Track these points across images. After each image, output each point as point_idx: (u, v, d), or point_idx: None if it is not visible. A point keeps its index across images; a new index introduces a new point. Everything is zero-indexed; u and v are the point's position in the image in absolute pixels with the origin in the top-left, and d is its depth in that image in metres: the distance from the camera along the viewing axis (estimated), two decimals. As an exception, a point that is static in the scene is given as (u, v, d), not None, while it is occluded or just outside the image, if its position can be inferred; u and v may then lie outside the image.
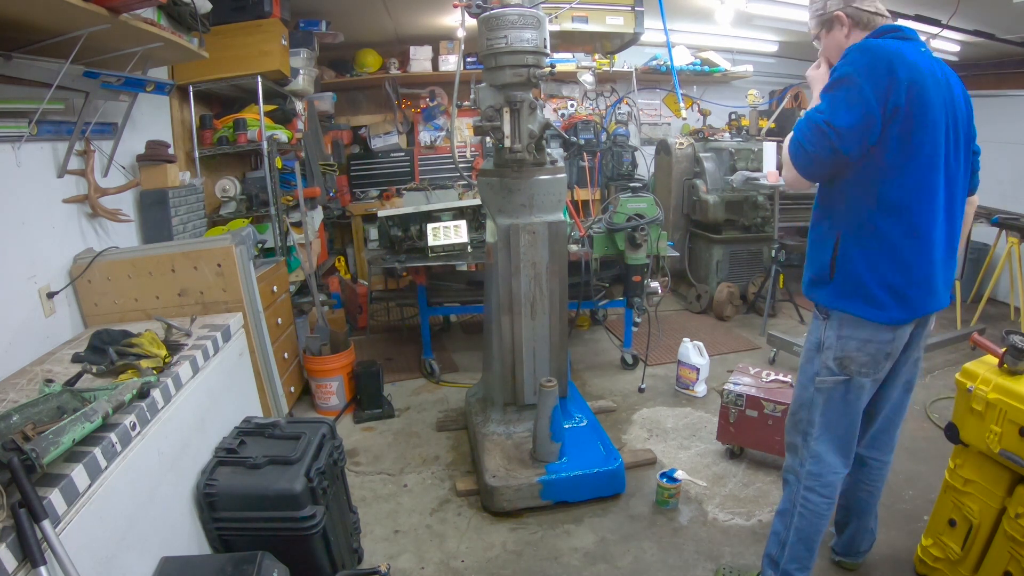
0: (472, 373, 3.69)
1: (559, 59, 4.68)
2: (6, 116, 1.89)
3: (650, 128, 5.69)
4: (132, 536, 1.40)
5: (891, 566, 2.06)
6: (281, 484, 1.67)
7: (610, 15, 3.29)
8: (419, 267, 3.43)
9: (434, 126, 5.29)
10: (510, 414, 2.71)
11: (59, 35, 1.78)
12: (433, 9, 3.96)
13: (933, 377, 3.45)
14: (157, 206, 2.62)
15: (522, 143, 2.36)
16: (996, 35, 3.77)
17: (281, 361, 2.89)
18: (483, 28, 2.29)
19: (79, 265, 2.20)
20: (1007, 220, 3.92)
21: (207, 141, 3.18)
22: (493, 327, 2.68)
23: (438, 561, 2.17)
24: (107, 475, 1.34)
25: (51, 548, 1.10)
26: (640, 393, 3.41)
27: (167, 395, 1.65)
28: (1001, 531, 1.70)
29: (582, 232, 3.33)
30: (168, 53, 2.31)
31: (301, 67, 3.61)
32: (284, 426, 1.93)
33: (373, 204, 4.98)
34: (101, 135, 2.38)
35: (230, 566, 1.44)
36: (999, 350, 1.71)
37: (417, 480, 2.66)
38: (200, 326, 2.10)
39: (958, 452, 1.83)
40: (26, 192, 2.00)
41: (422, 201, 4.77)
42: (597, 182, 5.16)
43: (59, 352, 1.96)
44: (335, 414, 3.21)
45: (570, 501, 2.41)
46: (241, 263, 2.34)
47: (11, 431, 1.19)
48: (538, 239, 2.49)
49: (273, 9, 3.13)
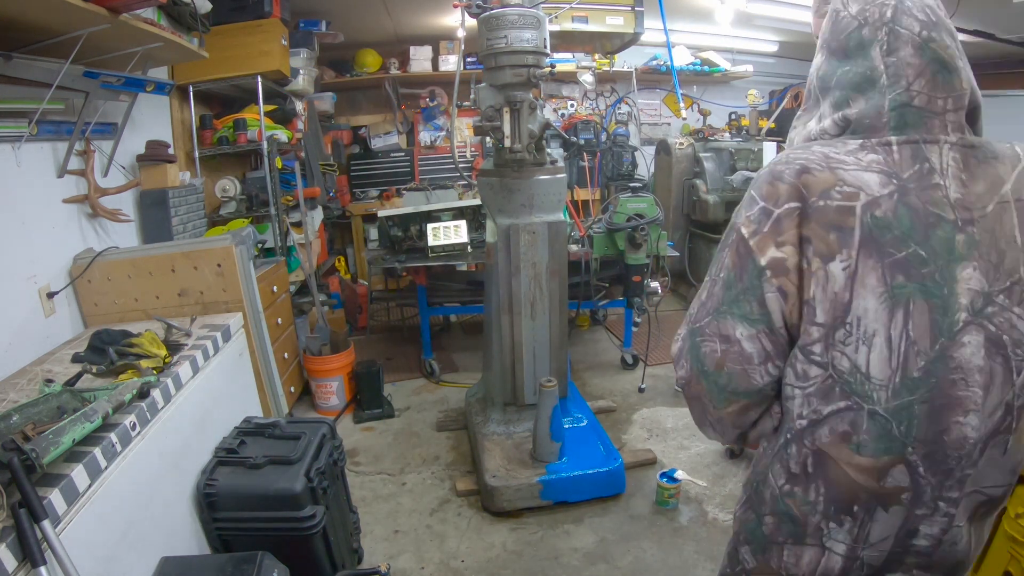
0: (472, 373, 3.69)
1: (559, 59, 4.68)
2: (6, 116, 1.89)
3: (650, 128, 5.69)
4: (132, 536, 1.40)
5: (891, 566, 2.06)
6: (281, 484, 1.67)
7: (610, 15, 3.29)
8: (419, 267, 3.43)
9: (434, 126, 5.29)
10: (510, 414, 2.71)
11: (59, 35, 1.78)
12: (433, 9, 3.96)
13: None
14: (157, 206, 2.61)
15: (522, 143, 2.36)
16: (996, 35, 3.76)
17: (281, 361, 2.89)
18: (483, 28, 2.29)
19: (79, 265, 2.20)
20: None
21: (207, 141, 3.18)
22: (493, 327, 2.68)
23: (438, 561, 2.17)
24: (107, 475, 1.34)
25: (51, 548, 1.10)
26: (640, 393, 3.41)
27: (167, 395, 1.65)
28: (1001, 531, 1.70)
29: (582, 232, 3.33)
30: (168, 53, 2.31)
31: (301, 67, 3.61)
32: (284, 426, 1.93)
33: (373, 204, 4.97)
34: (101, 135, 2.37)
35: (230, 566, 1.44)
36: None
37: (417, 480, 2.66)
38: (200, 326, 2.10)
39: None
40: (26, 192, 2.00)
41: (422, 201, 4.78)
42: (597, 182, 5.15)
43: (59, 352, 1.96)
44: (335, 414, 3.21)
45: (570, 501, 2.41)
46: (241, 263, 2.34)
47: (11, 431, 1.19)
48: (538, 239, 2.49)
49: (273, 9, 3.13)
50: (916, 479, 0.72)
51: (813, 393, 0.74)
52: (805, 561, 0.80)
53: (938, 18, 0.73)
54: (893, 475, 0.72)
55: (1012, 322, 0.69)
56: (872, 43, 0.74)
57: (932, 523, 0.74)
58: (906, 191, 0.70)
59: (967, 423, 0.69)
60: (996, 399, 0.70)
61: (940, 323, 0.68)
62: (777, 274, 0.72)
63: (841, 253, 0.69)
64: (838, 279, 0.69)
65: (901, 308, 0.68)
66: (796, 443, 0.77)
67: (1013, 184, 0.72)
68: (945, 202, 0.70)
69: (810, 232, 0.71)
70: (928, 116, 0.72)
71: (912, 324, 0.68)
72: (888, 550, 0.77)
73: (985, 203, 0.71)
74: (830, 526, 0.77)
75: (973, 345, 0.69)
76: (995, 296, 0.69)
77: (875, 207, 0.69)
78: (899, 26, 0.72)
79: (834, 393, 0.72)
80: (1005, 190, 0.71)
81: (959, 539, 0.76)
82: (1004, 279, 0.69)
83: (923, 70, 0.72)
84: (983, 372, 0.69)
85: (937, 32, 0.72)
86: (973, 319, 0.69)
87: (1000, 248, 0.70)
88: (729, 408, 0.80)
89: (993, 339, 0.69)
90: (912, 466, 0.71)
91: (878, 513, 0.75)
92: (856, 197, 0.70)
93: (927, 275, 0.68)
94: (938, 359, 0.69)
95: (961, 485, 0.73)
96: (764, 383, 0.77)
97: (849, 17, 0.77)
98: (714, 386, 0.80)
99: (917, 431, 0.70)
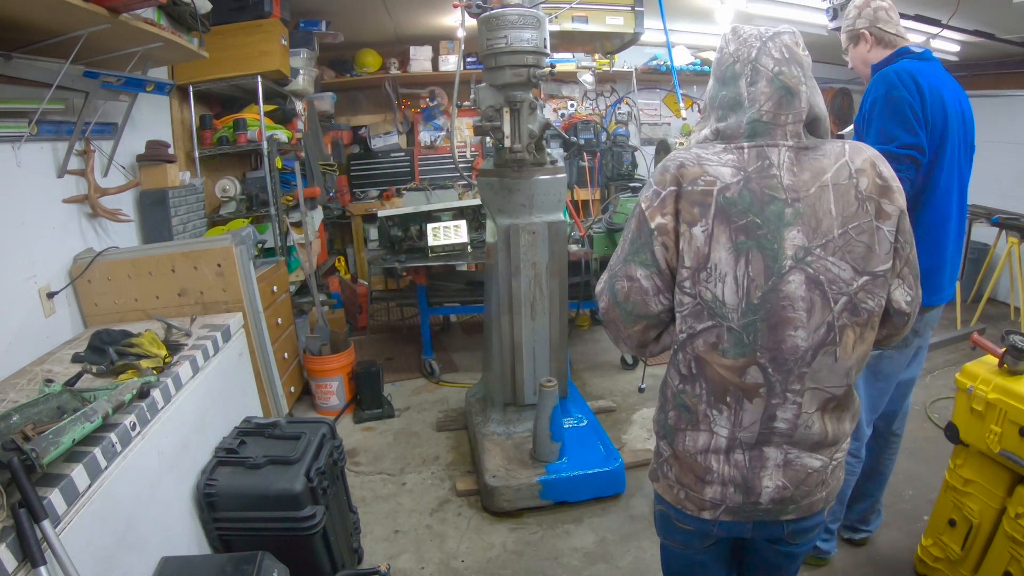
0: (472, 373, 3.69)
1: (559, 59, 4.67)
2: (6, 116, 1.89)
3: (650, 128, 5.68)
4: (132, 536, 1.40)
5: (891, 566, 2.06)
6: (281, 484, 1.67)
7: (610, 15, 3.29)
8: (419, 267, 3.43)
9: (434, 126, 5.29)
10: (510, 414, 2.71)
11: (59, 35, 1.78)
12: (433, 9, 3.95)
13: (933, 377, 3.44)
14: (157, 206, 2.61)
15: (522, 143, 2.36)
16: (996, 35, 3.76)
17: (281, 361, 2.89)
18: (483, 28, 2.29)
19: (79, 265, 2.20)
20: (1007, 220, 3.92)
21: (207, 141, 3.18)
22: (493, 327, 2.68)
23: (438, 561, 2.17)
24: (107, 475, 1.34)
25: (51, 548, 1.11)
26: (640, 393, 3.41)
27: (167, 395, 1.65)
28: (1001, 531, 1.70)
29: (582, 232, 3.33)
30: (168, 53, 2.31)
31: (301, 67, 3.61)
32: (284, 426, 1.93)
33: (373, 204, 4.97)
34: (101, 135, 2.37)
35: (230, 566, 1.44)
36: (999, 350, 1.71)
37: (417, 480, 2.66)
38: (200, 326, 2.10)
39: (958, 452, 1.83)
40: (26, 192, 2.00)
41: (422, 201, 4.77)
42: (597, 182, 5.15)
43: (59, 352, 1.96)
44: (335, 414, 3.21)
45: (570, 501, 2.41)
46: (241, 263, 2.34)
47: (11, 431, 1.19)
48: (538, 239, 2.49)
49: (273, 9, 3.13)
50: (767, 376, 1.02)
51: (688, 315, 1.05)
52: (700, 443, 1.10)
53: (791, 55, 1.01)
54: (750, 373, 1.03)
55: (827, 267, 0.98)
56: (741, 75, 1.04)
57: (786, 410, 1.04)
58: (749, 179, 1.00)
59: (797, 335, 1.00)
60: (818, 319, 0.99)
61: (771, 267, 0.98)
62: (661, 234, 1.03)
63: (701, 222, 1.00)
64: (699, 238, 1.00)
65: (743, 257, 0.99)
66: (682, 351, 1.08)
67: (833, 173, 1.00)
68: (779, 187, 0.99)
69: (682, 207, 1.02)
70: (772, 127, 1.01)
71: (751, 268, 0.99)
72: (758, 431, 1.06)
73: (809, 187, 0.99)
74: (713, 413, 1.07)
75: (796, 282, 0.98)
76: (813, 250, 0.98)
77: (727, 191, 1.00)
78: (759, 64, 1.02)
79: (703, 315, 1.03)
80: (826, 177, 1.00)
81: (812, 424, 1.05)
82: (821, 238, 0.98)
83: (772, 95, 1.01)
84: (805, 300, 0.98)
85: (787, 66, 1.01)
86: (796, 265, 0.98)
87: (819, 217, 0.98)
88: (635, 327, 1.12)
89: (812, 278, 0.98)
90: (762, 367, 1.02)
91: (745, 403, 1.05)
92: (714, 184, 1.00)
93: (762, 235, 0.98)
94: (771, 291, 0.99)
95: (801, 380, 1.02)
96: (658, 309, 1.09)
97: (728, 54, 1.07)
98: (623, 312, 1.11)
99: (761, 340, 1.01)
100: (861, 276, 0.99)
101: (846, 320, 1.00)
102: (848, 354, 1.02)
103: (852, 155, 1.01)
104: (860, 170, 1.00)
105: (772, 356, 1.01)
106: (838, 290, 0.98)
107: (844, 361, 1.02)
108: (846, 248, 0.98)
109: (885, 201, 0.99)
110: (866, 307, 1.00)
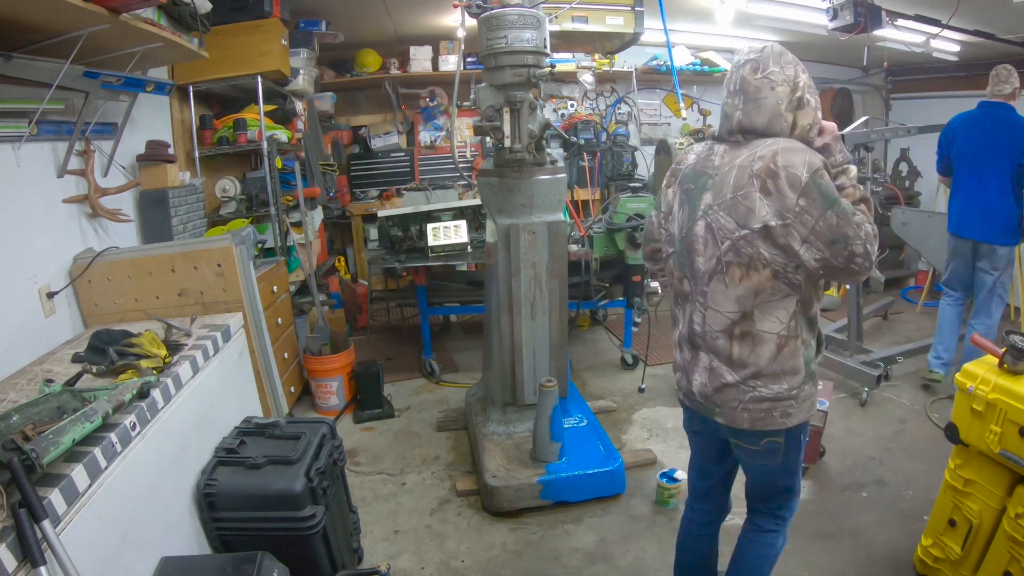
0: (472, 373, 3.69)
1: (559, 59, 4.67)
2: (6, 116, 1.89)
3: (650, 128, 5.68)
4: (132, 536, 1.40)
5: (891, 566, 2.06)
6: (281, 484, 1.67)
7: (610, 15, 3.29)
8: (419, 267, 3.43)
9: (434, 126, 5.28)
10: (510, 414, 2.71)
11: (59, 35, 1.78)
12: (433, 9, 3.95)
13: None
14: (157, 206, 2.61)
15: (522, 143, 2.36)
16: (996, 35, 3.76)
17: (281, 361, 2.89)
18: (483, 28, 2.29)
19: (79, 265, 2.20)
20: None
21: (207, 141, 3.18)
22: (493, 327, 2.68)
23: (438, 561, 2.17)
24: (107, 475, 1.34)
25: (51, 548, 1.11)
26: (640, 393, 3.42)
27: (167, 395, 1.65)
28: (1001, 531, 1.70)
29: (582, 232, 3.33)
30: (168, 53, 2.31)
31: (301, 67, 3.61)
32: (284, 426, 1.93)
33: (373, 204, 4.97)
34: (101, 135, 2.37)
35: (230, 566, 1.44)
36: (999, 350, 1.71)
37: (417, 480, 2.66)
38: (200, 326, 2.10)
39: (958, 452, 1.83)
40: (26, 192, 2.00)
41: (422, 201, 4.76)
42: (597, 182, 5.15)
43: (59, 352, 1.96)
44: (335, 414, 3.21)
45: (570, 501, 2.41)
46: (241, 263, 2.34)
47: (11, 431, 1.19)
48: (538, 239, 2.49)
49: (273, 9, 3.13)
50: (691, 286, 1.48)
51: (665, 242, 1.58)
52: (674, 336, 1.60)
53: (741, 86, 1.39)
54: (684, 283, 1.51)
55: (719, 219, 1.38)
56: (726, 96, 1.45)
57: (696, 313, 1.47)
58: (698, 162, 1.48)
59: (698, 261, 1.44)
60: (711, 252, 1.40)
61: (693, 216, 1.45)
62: (663, 194, 1.58)
63: (672, 186, 1.54)
64: (669, 195, 1.55)
65: (683, 208, 1.48)
66: (666, 267, 1.59)
67: (743, 159, 1.36)
68: (711, 167, 1.43)
69: (671, 178, 1.56)
70: (725, 134, 1.46)
71: (684, 215, 1.48)
72: (688, 330, 1.51)
73: (726, 167, 1.39)
74: (676, 312, 1.57)
75: (701, 226, 1.42)
76: (714, 206, 1.39)
77: (686, 168, 1.51)
78: (727, 91, 1.44)
79: (671, 243, 1.54)
80: (736, 162, 1.37)
81: (718, 338, 1.43)
82: (720, 199, 1.38)
83: (726, 116, 1.45)
84: (703, 239, 1.42)
85: (731, 97, 1.42)
86: (703, 216, 1.42)
87: (723, 186, 1.38)
88: (647, 248, 1.71)
89: (708, 225, 1.41)
90: (689, 278, 1.48)
91: (685, 307, 1.52)
92: (683, 164, 1.54)
93: (692, 196, 1.45)
94: (688, 231, 1.46)
95: (704, 296, 1.44)
96: (660, 236, 1.60)
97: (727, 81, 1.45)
98: (644, 237, 1.73)
99: (686, 261, 1.48)
100: (742, 229, 1.34)
101: (731, 258, 1.37)
102: (735, 283, 1.37)
103: (766, 149, 1.33)
104: (761, 156, 1.32)
105: (690, 272, 1.47)
106: (724, 235, 1.37)
107: (732, 288, 1.38)
108: (732, 208, 1.35)
109: (770, 182, 1.30)
110: (747, 252, 1.34)
